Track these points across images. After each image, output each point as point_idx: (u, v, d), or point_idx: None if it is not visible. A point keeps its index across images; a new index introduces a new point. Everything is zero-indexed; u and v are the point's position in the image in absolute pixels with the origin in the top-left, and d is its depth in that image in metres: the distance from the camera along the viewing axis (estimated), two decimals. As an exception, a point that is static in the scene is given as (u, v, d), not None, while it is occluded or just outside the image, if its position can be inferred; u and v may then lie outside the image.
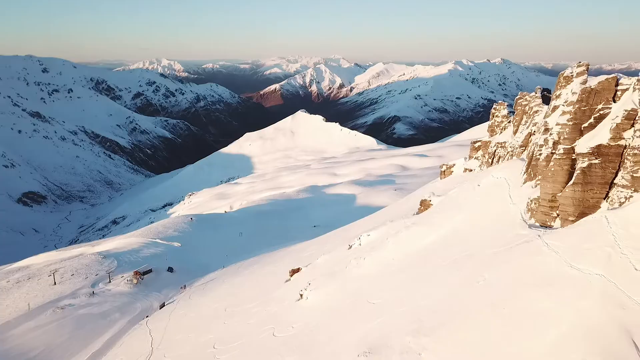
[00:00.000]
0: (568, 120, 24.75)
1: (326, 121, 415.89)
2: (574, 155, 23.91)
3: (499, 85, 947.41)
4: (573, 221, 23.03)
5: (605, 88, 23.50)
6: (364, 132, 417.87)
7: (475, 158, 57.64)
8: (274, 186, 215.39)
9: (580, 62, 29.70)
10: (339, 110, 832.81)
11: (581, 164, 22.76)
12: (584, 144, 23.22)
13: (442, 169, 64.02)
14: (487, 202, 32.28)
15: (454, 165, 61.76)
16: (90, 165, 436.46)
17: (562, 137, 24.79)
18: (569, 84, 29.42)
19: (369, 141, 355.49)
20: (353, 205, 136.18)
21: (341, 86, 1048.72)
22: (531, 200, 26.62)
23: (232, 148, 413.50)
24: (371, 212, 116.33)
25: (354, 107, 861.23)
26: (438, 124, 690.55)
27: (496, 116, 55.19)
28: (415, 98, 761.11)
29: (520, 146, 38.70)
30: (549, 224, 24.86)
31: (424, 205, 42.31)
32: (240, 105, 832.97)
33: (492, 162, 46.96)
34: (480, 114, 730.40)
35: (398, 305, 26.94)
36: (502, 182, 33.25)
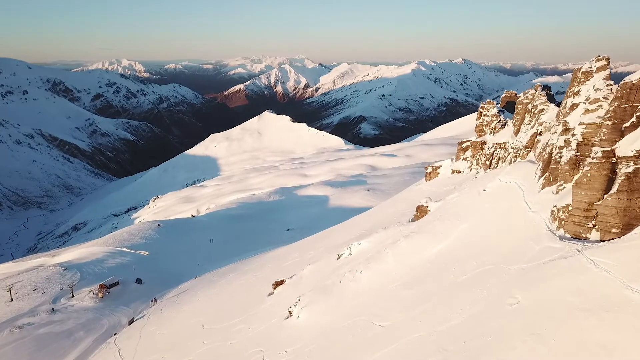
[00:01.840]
0: (605, 120, 22.22)
1: (293, 121, 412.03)
2: (614, 158, 21.42)
3: (461, 84, 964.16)
4: (617, 233, 20.49)
5: (648, 83, 21.14)
6: (330, 132, 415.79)
7: (464, 159, 55.31)
8: (243, 188, 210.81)
9: (599, 56, 27.37)
10: (305, 110, 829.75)
11: (625, 169, 20.21)
12: (627, 147, 20.71)
13: (428, 171, 61.48)
14: (498, 209, 29.53)
15: (440, 166, 59.32)
16: (48, 170, 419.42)
17: (599, 138, 22.21)
18: (589, 79, 27.06)
19: (337, 141, 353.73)
20: (326, 207, 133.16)
21: (306, 86, 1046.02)
22: (558, 209, 23.96)
23: (197, 150, 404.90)
24: (346, 213, 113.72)
25: (320, 107, 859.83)
26: (403, 124, 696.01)
27: (485, 115, 52.96)
28: (380, 98, 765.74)
29: (525, 147, 36.25)
30: (583, 235, 22.24)
31: (421, 211, 39.45)
32: (204, 105, 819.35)
33: (490, 164, 44.55)
34: (444, 113, 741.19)
35: (412, 329, 23.84)
36: (514, 187, 30.56)
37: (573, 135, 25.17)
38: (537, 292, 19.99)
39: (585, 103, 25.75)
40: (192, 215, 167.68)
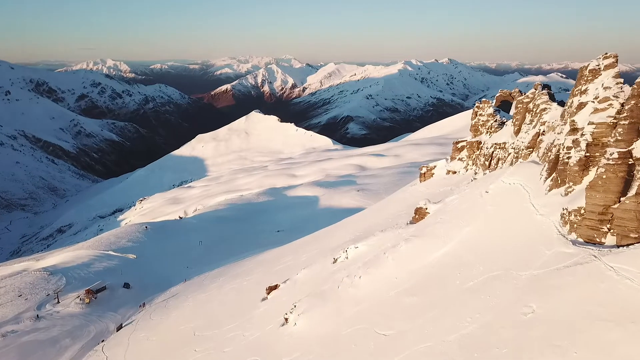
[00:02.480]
0: (621, 120, 21.31)
1: (281, 121, 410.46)
2: (631, 160, 20.57)
3: (447, 84, 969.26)
4: (636, 238, 19.62)
5: (665, 80, 20.31)
6: (318, 132, 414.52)
7: (459, 159, 54.42)
8: (231, 189, 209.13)
9: (606, 54, 26.54)
10: (293, 110, 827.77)
11: (644, 170, 19.44)
12: (644, 147, 19.95)
13: (422, 171, 60.45)
14: (503, 211, 28.55)
15: (435, 167, 58.36)
16: (31, 171, 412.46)
17: (614, 139, 21.29)
18: (597, 77, 26.22)
19: (325, 141, 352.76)
20: (317, 207, 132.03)
21: (294, 86, 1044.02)
22: (569, 212, 23.05)
23: (184, 150, 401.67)
24: (337, 214, 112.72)
25: (307, 107, 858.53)
26: (390, 123, 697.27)
27: (480, 115, 52.13)
28: (367, 98, 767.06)
29: (527, 147, 35.40)
30: (597, 240, 21.35)
31: (420, 213, 38.42)
32: (190, 106, 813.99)
33: (489, 164, 43.68)
34: (430, 113, 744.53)
35: (418, 338, 22.77)
36: (518, 189, 29.61)
37: (582, 135, 24.29)
38: (553, 300, 19.00)
39: (594, 102, 24.89)
40: (179, 217, 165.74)
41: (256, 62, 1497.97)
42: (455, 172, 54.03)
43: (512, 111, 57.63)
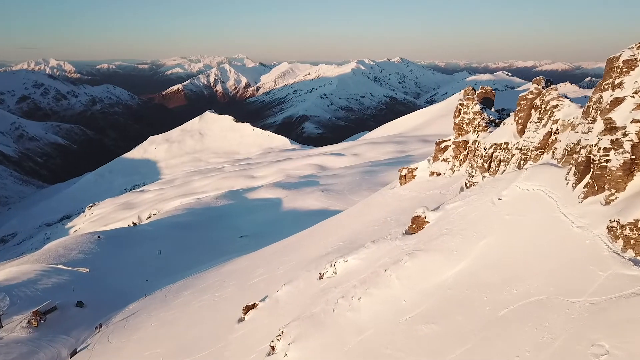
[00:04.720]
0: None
1: (236, 121, 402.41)
2: None
3: (399, 83, 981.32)
4: None
5: None
6: (274, 132, 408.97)
7: (444, 160, 51.37)
8: (186, 192, 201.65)
9: (640, 43, 23.73)
10: (247, 110, 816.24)
11: None
12: None
13: (403, 173, 57.01)
14: (527, 222, 25.15)
15: (417, 168, 55.09)
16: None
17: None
18: (634, 69, 23.33)
19: (283, 141, 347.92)
20: (280, 210, 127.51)
21: (247, 85, 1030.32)
22: (622, 225, 19.88)
23: (136, 153, 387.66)
24: (303, 217, 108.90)
25: (262, 107, 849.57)
26: (345, 122, 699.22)
27: (465, 113, 49.16)
28: (322, 97, 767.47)
29: (538, 148, 32.41)
30: (664, 258, 18.31)
31: (418, 222, 34.76)
32: (141, 107, 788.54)
33: (489, 166, 40.56)
34: (384, 111, 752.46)
35: (451, 381, 19.01)
36: (541, 196, 26.32)
37: (625, 134, 21.26)
38: (632, 339, 15.53)
39: (634, 97, 21.95)
40: (133, 223, 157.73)
41: (208, 61, 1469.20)
42: (440, 174, 50.94)
43: (494, 107, 55.25)
